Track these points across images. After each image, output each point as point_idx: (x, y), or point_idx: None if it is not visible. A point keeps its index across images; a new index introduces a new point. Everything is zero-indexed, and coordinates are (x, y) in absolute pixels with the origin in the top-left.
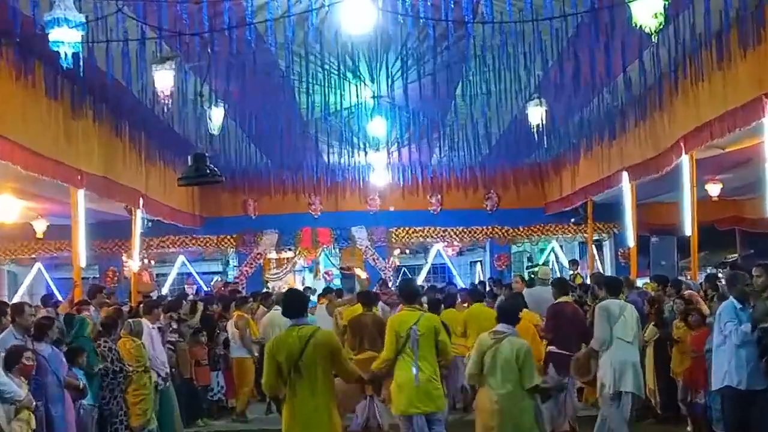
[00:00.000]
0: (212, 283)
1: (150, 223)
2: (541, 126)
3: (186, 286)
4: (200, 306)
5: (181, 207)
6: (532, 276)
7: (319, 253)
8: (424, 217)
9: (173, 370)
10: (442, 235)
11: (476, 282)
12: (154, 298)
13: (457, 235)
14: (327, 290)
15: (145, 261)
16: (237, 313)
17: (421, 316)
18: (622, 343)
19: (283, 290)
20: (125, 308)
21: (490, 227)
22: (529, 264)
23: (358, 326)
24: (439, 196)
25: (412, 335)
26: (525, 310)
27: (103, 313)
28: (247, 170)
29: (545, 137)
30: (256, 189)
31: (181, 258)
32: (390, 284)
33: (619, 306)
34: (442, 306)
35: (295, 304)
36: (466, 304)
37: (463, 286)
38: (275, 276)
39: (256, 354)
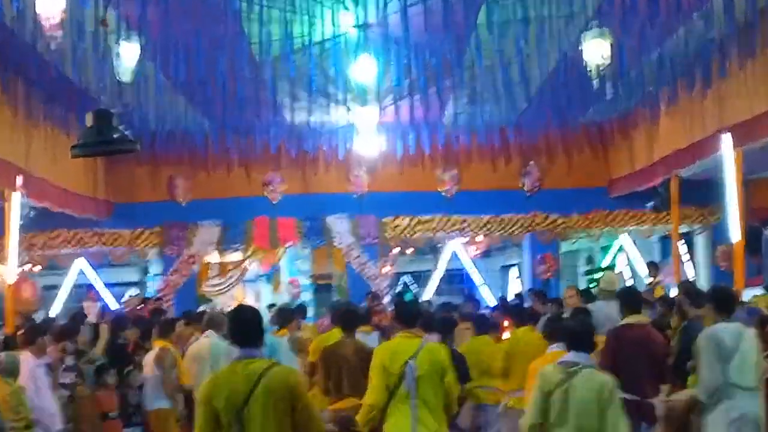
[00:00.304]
0: (124, 300)
1: (32, 212)
2: (602, 68)
3: (86, 303)
4: (105, 331)
5: (78, 188)
6: (593, 286)
7: (280, 254)
8: (433, 201)
9: (69, 425)
10: (460, 228)
11: (510, 295)
12: (39, 321)
13: (481, 228)
14: (284, 312)
15: (26, 267)
16: (159, 343)
17: (421, 347)
18: (740, 391)
19: (227, 309)
20: None
21: (529, 216)
22: (588, 269)
23: (335, 360)
24: (455, 171)
25: (409, 373)
26: None
27: None
28: (173, 134)
29: (609, 85)
30: (188, 162)
31: (80, 263)
32: (384, 299)
33: (735, 333)
34: (473, 331)
35: (243, 324)
36: (504, 332)
37: (488, 305)
38: (216, 289)
39: (181, 407)
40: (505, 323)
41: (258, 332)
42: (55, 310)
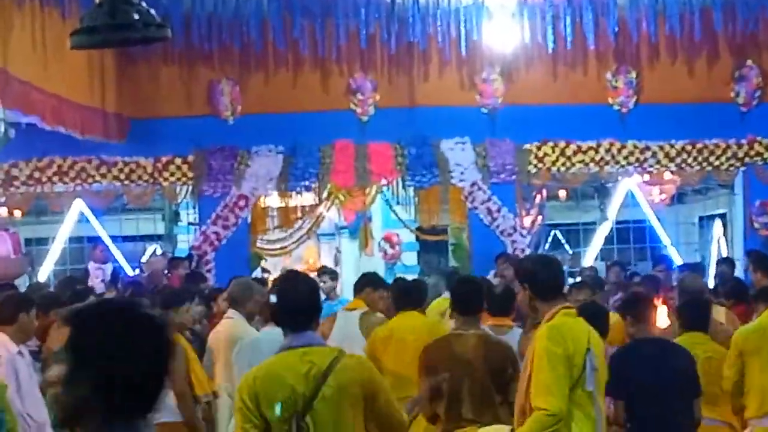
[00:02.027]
0: (144, 261)
1: (13, 131)
2: None
3: (90, 264)
4: None
5: (78, 97)
6: None
7: (371, 197)
8: (599, 119)
9: None
10: (639, 159)
11: (712, 260)
12: (23, 290)
13: (671, 160)
14: (367, 280)
15: (2, 212)
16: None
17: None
18: None
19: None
20: None
21: (745, 142)
22: None
23: (449, 364)
24: (633, 74)
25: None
26: None
27: None
28: (217, 18)
29: None
30: (237, 59)
31: (79, 205)
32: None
33: None
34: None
35: (295, 299)
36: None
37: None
38: (278, 246)
39: (196, 419)
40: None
41: (315, 310)
42: (45, 273)
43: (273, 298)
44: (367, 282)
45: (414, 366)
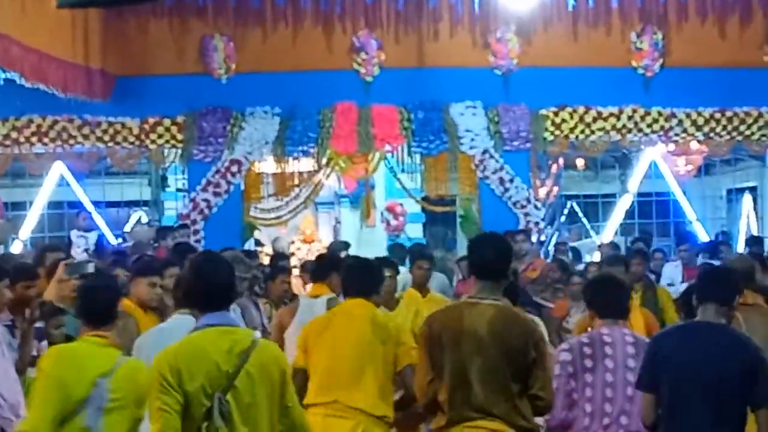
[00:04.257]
0: (129, 230)
1: None
2: None
3: (74, 232)
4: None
5: (60, 52)
6: None
7: (374, 164)
8: (622, 83)
9: None
10: (664, 127)
11: (740, 236)
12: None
13: (699, 128)
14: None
15: None
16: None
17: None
18: None
19: (279, 246)
20: None
21: None
22: None
23: (450, 337)
24: (659, 35)
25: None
26: None
27: None
28: None
29: None
30: (231, 14)
31: (59, 168)
32: (540, 239)
33: None
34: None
35: (214, 282)
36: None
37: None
38: (273, 215)
39: None
40: None
41: (233, 291)
42: (21, 241)
43: (251, 274)
44: (334, 267)
45: (348, 366)
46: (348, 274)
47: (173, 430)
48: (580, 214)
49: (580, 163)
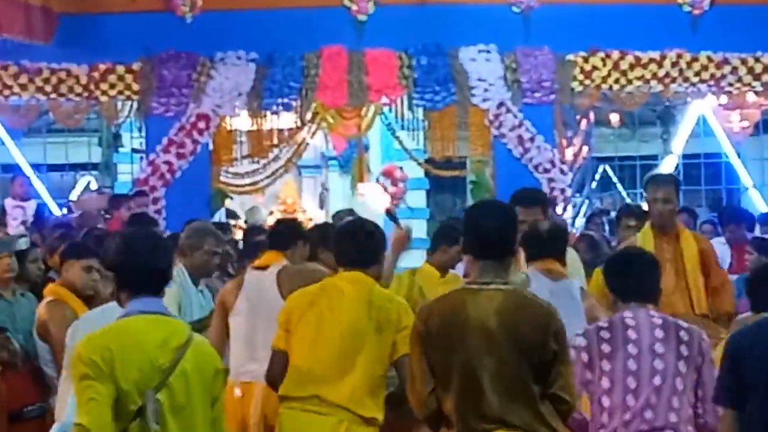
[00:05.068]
0: (75, 198)
1: None
2: None
3: (8, 201)
4: (35, 256)
5: None
6: None
7: (368, 120)
8: (663, 22)
9: None
10: (713, 76)
11: None
12: None
13: (756, 77)
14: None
15: None
16: (53, 286)
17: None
18: None
19: (256, 218)
20: None
21: None
22: None
23: (453, 333)
24: None
25: None
26: None
27: None
28: None
29: None
30: None
31: None
32: (562, 208)
33: None
34: None
35: (143, 262)
36: None
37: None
38: (247, 181)
39: None
40: None
41: (166, 274)
42: None
43: (223, 249)
44: (299, 234)
45: (334, 355)
46: (341, 239)
47: (107, 425)
48: (615, 180)
49: (614, 119)
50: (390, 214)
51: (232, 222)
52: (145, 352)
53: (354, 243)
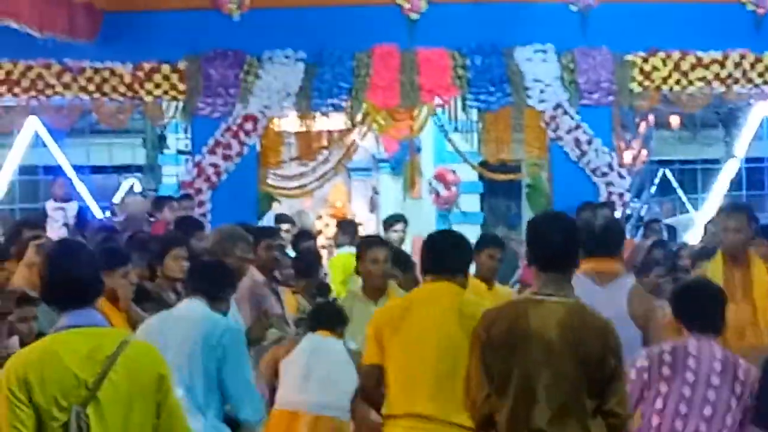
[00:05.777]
0: (118, 201)
1: None
2: None
3: (50, 203)
4: None
5: None
6: None
7: (421, 121)
8: (726, 21)
9: None
10: None
11: None
12: None
13: None
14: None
15: None
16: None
17: None
18: None
19: (304, 222)
20: None
21: None
22: None
23: (514, 342)
24: None
25: None
26: None
27: None
28: None
29: None
30: None
31: (34, 125)
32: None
33: None
34: None
35: (71, 272)
36: None
37: None
38: (295, 184)
39: None
40: None
41: (98, 283)
42: None
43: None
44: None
45: (434, 370)
46: (432, 247)
47: None
48: (675, 184)
49: (674, 121)
50: None
51: (285, 227)
52: (64, 368)
53: (445, 252)
